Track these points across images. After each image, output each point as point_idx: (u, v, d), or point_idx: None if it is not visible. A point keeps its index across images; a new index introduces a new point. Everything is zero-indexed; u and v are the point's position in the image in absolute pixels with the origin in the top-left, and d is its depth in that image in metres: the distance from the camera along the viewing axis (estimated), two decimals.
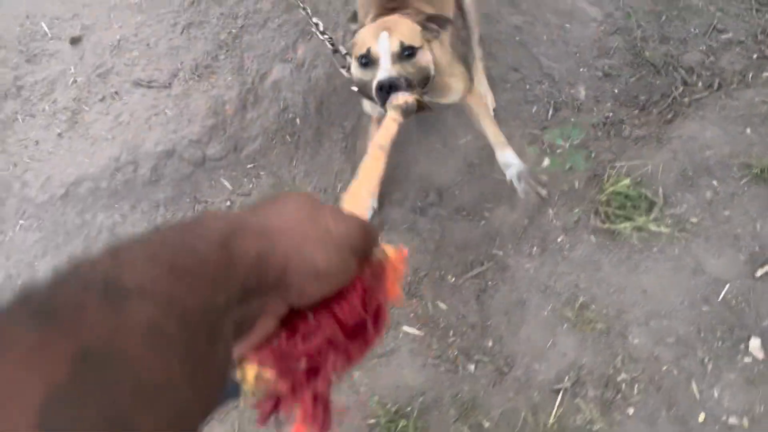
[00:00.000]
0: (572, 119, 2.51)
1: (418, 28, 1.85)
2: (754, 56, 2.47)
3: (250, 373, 0.49)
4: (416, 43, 1.79)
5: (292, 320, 0.49)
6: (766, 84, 2.31)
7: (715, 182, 2.09)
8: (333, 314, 0.50)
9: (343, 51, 2.01)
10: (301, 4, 2.04)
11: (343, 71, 2.01)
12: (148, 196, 2.52)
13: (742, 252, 1.96)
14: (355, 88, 1.94)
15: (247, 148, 2.59)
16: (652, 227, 2.02)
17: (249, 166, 2.57)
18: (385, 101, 1.60)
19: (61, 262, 2.42)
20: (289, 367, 0.49)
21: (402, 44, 1.74)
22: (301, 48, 2.72)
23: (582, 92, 2.59)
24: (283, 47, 2.74)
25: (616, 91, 2.56)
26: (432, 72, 1.86)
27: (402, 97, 1.55)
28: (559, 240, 2.12)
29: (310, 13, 2.06)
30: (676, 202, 2.08)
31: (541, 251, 2.12)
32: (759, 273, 1.91)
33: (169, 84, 2.70)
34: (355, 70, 1.85)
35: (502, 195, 2.33)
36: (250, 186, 2.55)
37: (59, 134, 2.61)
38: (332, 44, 2.02)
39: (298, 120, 2.62)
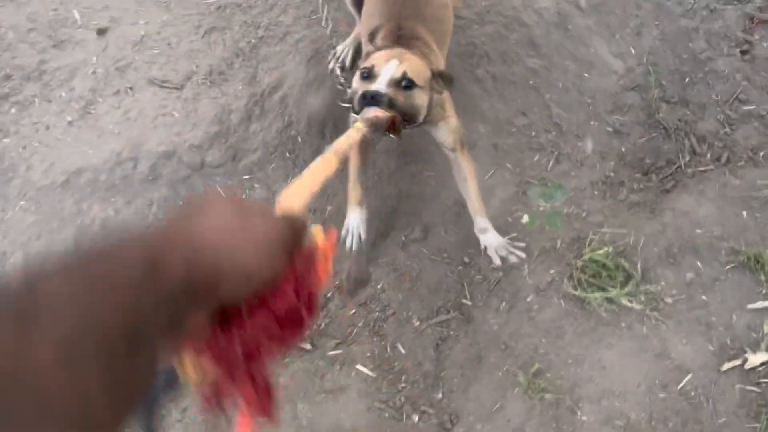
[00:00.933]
0: (572, 173, 2.45)
1: (428, 73, 1.89)
2: None
3: (187, 363, 0.52)
4: (419, 82, 1.82)
5: (226, 313, 0.51)
6: None
7: (699, 263, 2.01)
8: (266, 305, 0.53)
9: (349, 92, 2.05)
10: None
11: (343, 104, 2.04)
12: (144, 194, 2.57)
13: (712, 342, 1.89)
14: (345, 104, 1.98)
15: (245, 159, 2.62)
16: (624, 302, 1.96)
17: (245, 176, 2.60)
18: (360, 109, 1.67)
19: (52, 247, 2.50)
20: (226, 354, 0.51)
21: (405, 74, 1.78)
22: (313, 69, 2.73)
23: (589, 146, 2.53)
24: (297, 63, 2.75)
25: (623, 149, 2.49)
26: (420, 115, 1.88)
27: (375, 112, 1.60)
28: (528, 299, 2.07)
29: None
30: (654, 279, 2.01)
31: (509, 308, 2.09)
32: (725, 367, 1.84)
33: (182, 86, 2.74)
34: (355, 80, 1.90)
35: None
36: (243, 196, 2.57)
37: (70, 122, 2.69)
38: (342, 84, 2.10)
39: (299, 138, 2.63)
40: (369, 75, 1.81)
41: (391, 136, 1.73)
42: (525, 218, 2.09)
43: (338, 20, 2.82)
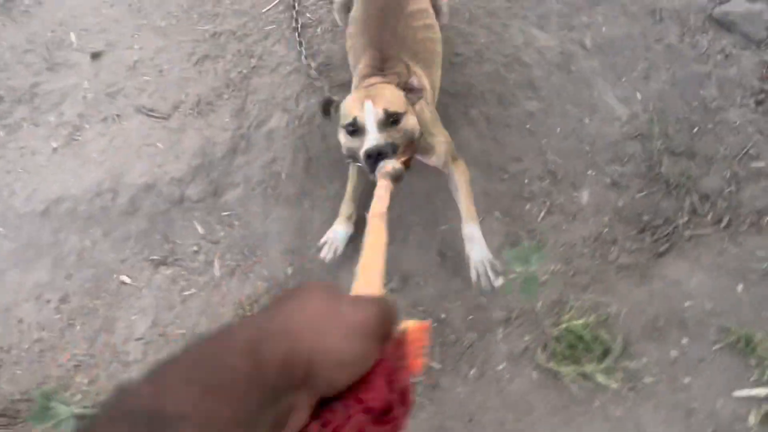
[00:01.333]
0: (563, 226, 2.32)
1: (401, 93, 1.86)
2: None
3: None
4: (400, 109, 1.80)
5: (320, 410, 0.51)
6: None
7: (685, 340, 1.86)
8: (360, 400, 0.51)
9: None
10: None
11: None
12: (122, 227, 2.52)
13: (691, 430, 1.73)
14: (353, 162, 1.98)
15: (226, 195, 2.54)
16: (600, 378, 1.82)
17: (224, 213, 2.53)
18: (373, 169, 1.61)
19: (25, 278, 2.46)
20: None
21: (387, 111, 1.76)
22: (303, 101, 2.65)
23: (585, 197, 2.39)
24: (287, 96, 2.67)
25: (620, 204, 2.34)
26: (416, 134, 1.85)
27: (390, 165, 1.55)
28: (499, 368, 1.95)
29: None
30: (635, 354, 1.87)
31: (478, 375, 1.96)
32: None
33: (169, 116, 2.69)
34: (343, 138, 1.87)
35: (463, 299, 2.18)
36: (221, 234, 2.50)
37: (55, 149, 2.66)
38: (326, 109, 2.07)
39: (283, 174, 2.55)
40: (355, 129, 1.79)
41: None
42: (499, 281, 1.96)
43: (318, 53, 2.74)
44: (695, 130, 2.47)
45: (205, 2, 3.00)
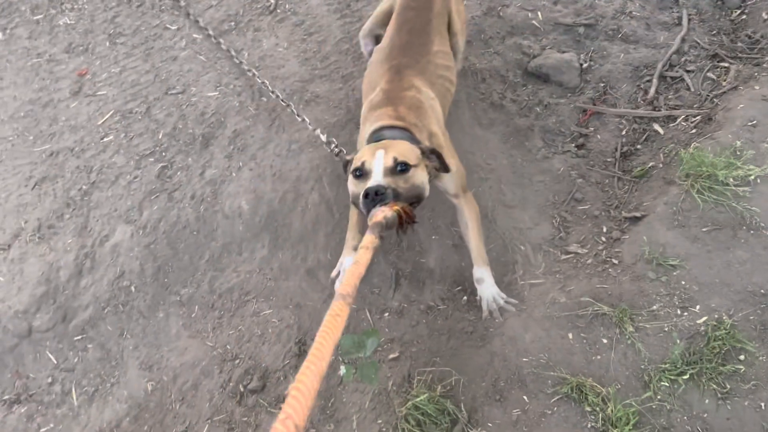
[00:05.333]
0: (412, 296, 2.36)
1: (417, 150, 1.91)
2: (603, 239, 2.31)
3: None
4: (411, 161, 1.83)
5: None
6: (603, 275, 2.14)
7: (525, 397, 1.91)
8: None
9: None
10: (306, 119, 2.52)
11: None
12: None
13: None
14: (352, 201, 1.97)
15: (76, 318, 2.47)
16: None
17: (77, 338, 2.45)
18: (369, 210, 1.64)
19: None
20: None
21: (395, 159, 1.80)
22: (146, 209, 2.63)
23: (431, 262, 2.44)
24: (129, 207, 2.65)
25: (463, 264, 2.40)
26: (425, 193, 1.87)
27: (382, 213, 1.56)
28: None
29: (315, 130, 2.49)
30: (480, 421, 1.90)
31: None
32: None
33: (9, 246, 2.62)
34: (350, 183, 1.90)
35: (324, 389, 2.17)
36: (76, 360, 2.42)
37: None
38: (338, 153, 2.31)
39: (133, 288, 2.51)
40: (362, 173, 1.83)
41: (406, 229, 1.68)
42: (342, 370, 1.97)
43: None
44: (525, 181, 2.58)
45: (41, 122, 2.97)
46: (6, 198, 2.75)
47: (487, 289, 2.18)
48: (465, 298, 2.27)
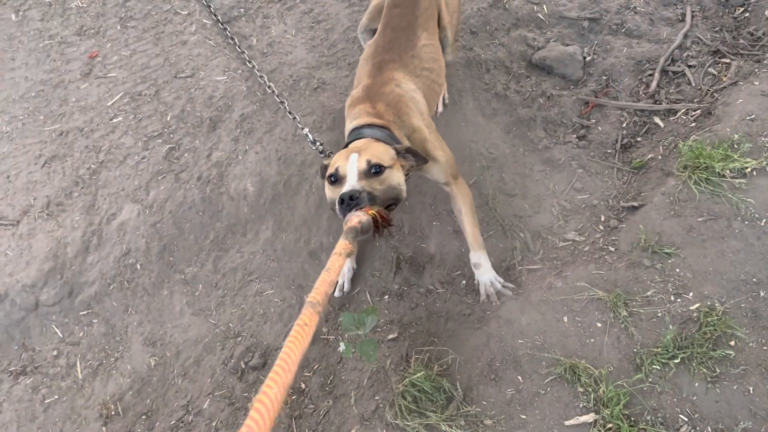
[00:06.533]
0: (412, 280, 2.40)
1: (392, 151, 1.91)
2: (600, 227, 2.35)
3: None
4: (385, 163, 1.83)
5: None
6: (599, 261, 2.18)
7: (520, 377, 1.95)
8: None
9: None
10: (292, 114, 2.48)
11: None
12: None
13: None
14: (329, 207, 1.97)
15: (82, 294, 2.53)
16: (444, 427, 1.88)
17: (82, 312, 2.50)
18: (344, 215, 1.63)
19: None
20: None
21: (369, 162, 1.80)
22: (153, 189, 2.68)
23: (432, 247, 2.48)
24: (136, 186, 2.70)
25: (463, 249, 2.45)
26: (402, 194, 1.88)
27: (356, 217, 1.55)
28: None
29: (298, 120, 2.50)
30: (476, 399, 1.94)
31: None
32: None
33: (17, 222, 2.67)
34: (327, 189, 1.90)
35: (323, 365, 2.23)
36: (81, 334, 2.48)
37: None
38: (322, 152, 2.30)
39: (138, 265, 2.56)
40: (337, 179, 1.84)
41: (383, 232, 1.67)
42: (341, 347, 2.01)
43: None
44: (526, 170, 2.63)
45: (51, 102, 3.02)
46: (16, 175, 2.80)
47: (485, 273, 2.23)
48: (464, 282, 2.32)
